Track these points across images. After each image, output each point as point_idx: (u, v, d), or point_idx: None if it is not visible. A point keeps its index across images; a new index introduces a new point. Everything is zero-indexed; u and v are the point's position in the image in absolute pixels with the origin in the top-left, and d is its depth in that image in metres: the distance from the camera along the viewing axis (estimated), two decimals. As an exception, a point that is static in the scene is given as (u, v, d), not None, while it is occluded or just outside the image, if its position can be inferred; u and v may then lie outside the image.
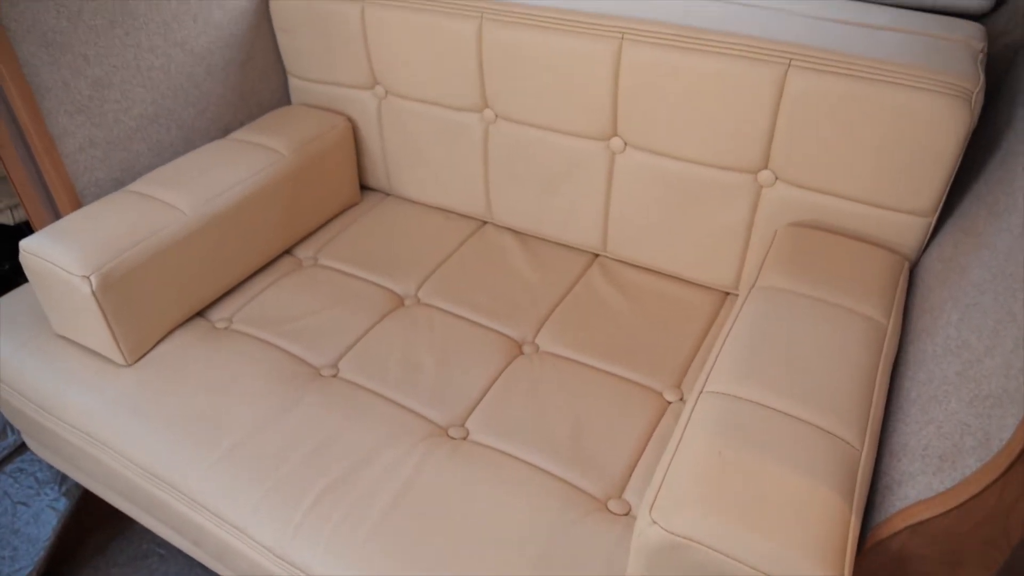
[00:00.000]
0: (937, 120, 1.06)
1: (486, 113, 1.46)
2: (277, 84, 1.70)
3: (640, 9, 1.28)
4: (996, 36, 1.34)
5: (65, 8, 1.25)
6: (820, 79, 1.12)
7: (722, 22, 1.22)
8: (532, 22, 1.31)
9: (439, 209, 1.67)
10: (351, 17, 1.49)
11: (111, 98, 1.36)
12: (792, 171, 1.21)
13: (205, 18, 1.48)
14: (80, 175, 1.36)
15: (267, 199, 1.44)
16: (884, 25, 1.22)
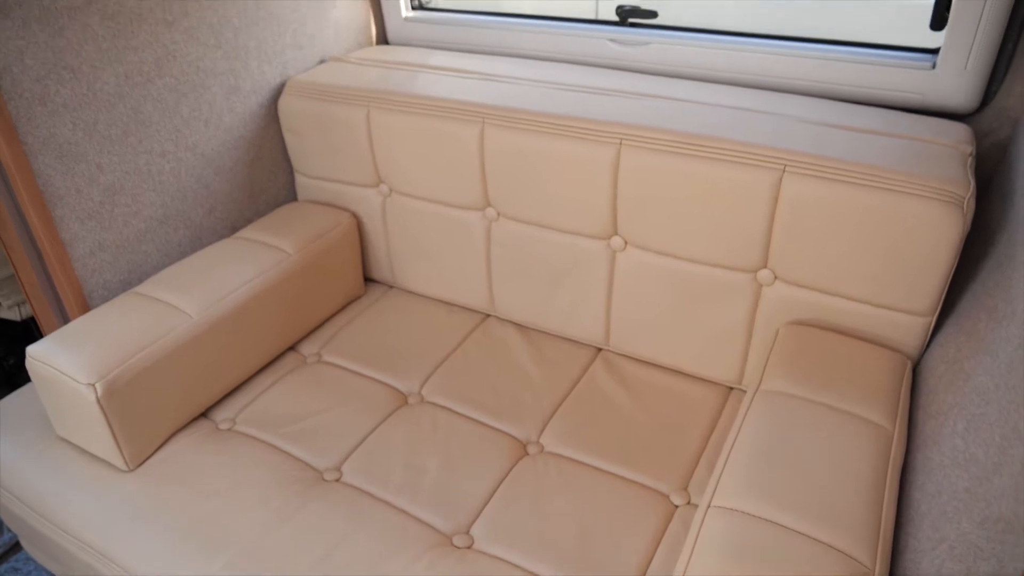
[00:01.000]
0: (931, 226, 1.08)
1: (488, 212, 1.49)
2: (284, 181, 1.74)
3: (638, 115, 1.32)
4: (983, 135, 1.38)
5: (81, 121, 1.29)
6: (814, 184, 1.15)
7: (717, 127, 1.26)
8: (533, 127, 1.35)
9: (442, 302, 1.69)
10: (357, 120, 1.54)
11: (122, 202, 1.40)
12: (791, 271, 1.23)
13: (216, 122, 1.53)
14: (89, 278, 1.38)
15: (273, 298, 1.45)
16: (874, 128, 1.26)
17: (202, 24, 1.45)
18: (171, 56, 1.41)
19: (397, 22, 1.87)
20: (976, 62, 1.32)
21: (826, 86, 1.44)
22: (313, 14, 1.69)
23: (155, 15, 1.36)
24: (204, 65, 1.47)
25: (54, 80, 1.24)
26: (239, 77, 1.55)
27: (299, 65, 1.69)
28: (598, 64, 1.65)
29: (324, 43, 1.74)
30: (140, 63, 1.36)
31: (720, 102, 1.38)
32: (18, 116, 1.20)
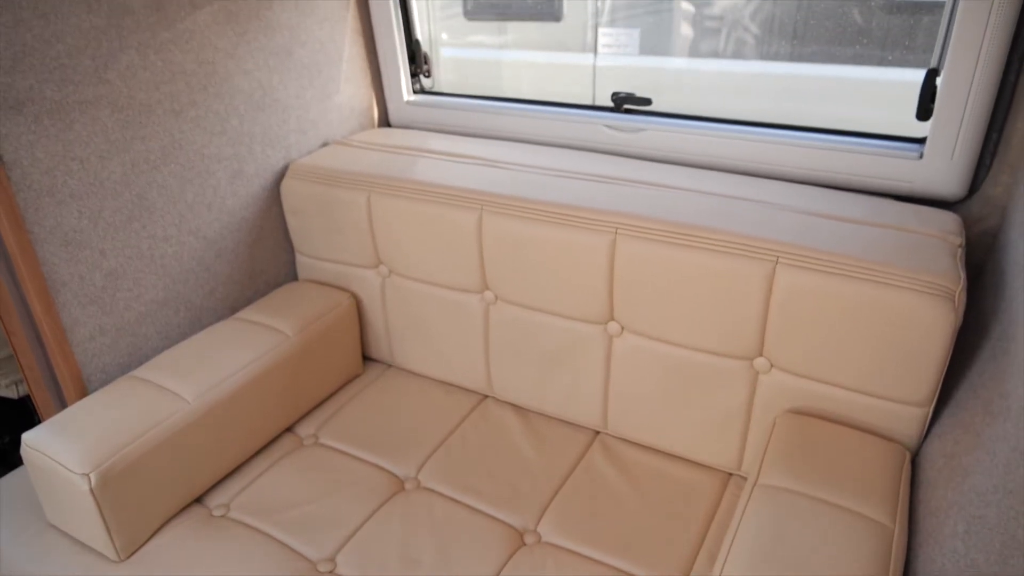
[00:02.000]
0: (922, 319, 1.09)
1: (486, 295, 1.51)
2: (285, 261, 1.77)
3: (632, 203, 1.34)
4: (973, 222, 1.41)
5: (87, 209, 1.32)
6: (807, 276, 1.16)
7: (710, 216, 1.28)
8: (529, 215, 1.38)
9: (441, 382, 1.69)
10: (358, 203, 1.57)
11: (124, 287, 1.41)
12: (787, 359, 1.24)
13: (219, 206, 1.56)
14: (88, 362, 1.38)
15: (271, 381, 1.45)
16: (864, 218, 1.28)
17: (209, 113, 1.49)
18: (177, 144, 1.44)
19: (399, 105, 1.93)
20: (962, 152, 1.36)
21: (817, 173, 1.48)
22: (317, 100, 1.74)
23: (164, 106, 1.40)
24: (209, 151, 1.51)
25: (62, 171, 1.27)
26: (243, 162, 1.59)
27: (302, 148, 1.73)
28: (594, 149, 1.69)
29: (327, 126, 1.79)
30: (147, 152, 1.39)
31: (713, 190, 1.41)
32: (26, 207, 1.23)
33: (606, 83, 2.86)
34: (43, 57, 1.20)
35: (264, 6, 1.56)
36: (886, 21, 2.45)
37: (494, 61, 3.24)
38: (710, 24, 2.71)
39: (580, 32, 3.16)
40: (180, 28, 1.40)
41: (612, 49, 3.05)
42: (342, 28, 1.77)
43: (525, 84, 3.18)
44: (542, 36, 3.18)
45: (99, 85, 1.29)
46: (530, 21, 3.22)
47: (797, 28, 2.42)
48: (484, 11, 3.20)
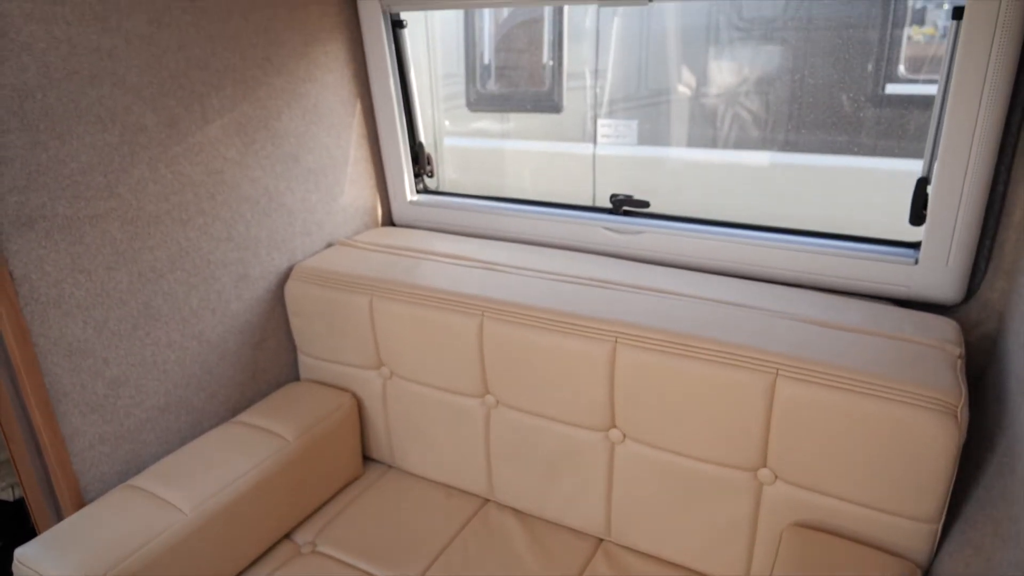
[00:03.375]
0: (925, 435, 1.09)
1: (487, 399, 1.50)
2: (287, 361, 1.77)
3: (632, 311, 1.36)
4: (971, 327, 1.41)
5: (92, 320, 1.33)
6: (807, 389, 1.16)
7: (710, 325, 1.29)
8: (530, 322, 1.39)
9: (441, 485, 1.66)
10: (360, 307, 1.58)
11: (125, 394, 1.41)
12: (791, 472, 1.22)
13: (223, 310, 1.57)
14: (85, 471, 1.37)
15: (270, 488, 1.44)
16: (861, 327, 1.29)
17: (216, 220, 1.52)
18: (184, 252, 1.47)
19: (402, 205, 1.97)
20: (957, 258, 1.37)
21: (814, 277, 1.49)
22: (322, 202, 1.78)
23: (172, 216, 1.44)
24: (215, 257, 1.54)
25: (70, 283, 1.29)
26: (248, 266, 1.61)
27: (307, 249, 1.76)
28: (594, 250, 1.71)
29: (332, 227, 1.82)
30: (154, 261, 1.42)
31: (711, 295, 1.42)
32: (32, 319, 1.24)
33: (606, 169, 2.93)
34: (57, 175, 1.24)
35: (272, 116, 1.61)
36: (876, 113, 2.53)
37: (496, 150, 3.33)
38: (706, 116, 2.80)
39: (580, 123, 3.25)
40: (191, 141, 1.45)
41: (611, 139, 3.13)
42: (348, 133, 1.83)
43: (527, 173, 3.24)
44: (543, 126, 3.27)
45: (110, 199, 1.32)
46: (531, 113, 3.32)
47: (792, 119, 2.49)
48: (486, 103, 3.31)
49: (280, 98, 1.62)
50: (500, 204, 1.86)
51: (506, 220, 1.82)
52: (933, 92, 2.36)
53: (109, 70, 1.29)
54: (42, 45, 1.19)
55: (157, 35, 1.36)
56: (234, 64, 1.51)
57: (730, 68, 2.63)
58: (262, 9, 1.55)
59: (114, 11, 1.28)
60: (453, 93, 3.16)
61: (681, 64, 2.80)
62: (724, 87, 2.71)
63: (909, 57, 2.48)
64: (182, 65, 1.41)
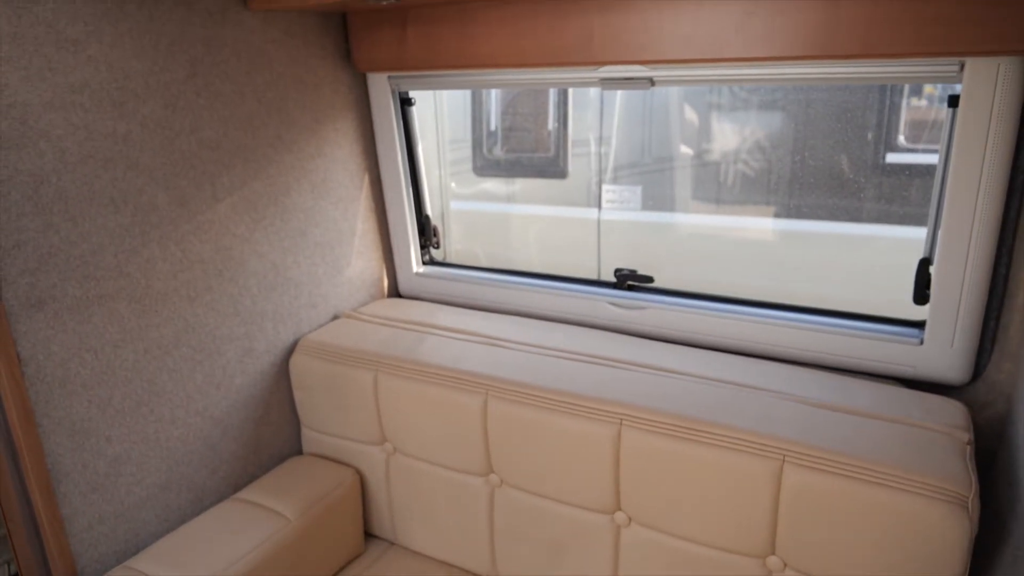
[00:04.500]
0: (936, 526, 1.07)
1: (491, 478, 1.49)
2: (290, 434, 1.76)
3: (637, 391, 1.35)
4: (979, 407, 1.40)
5: (97, 398, 1.33)
6: (815, 476, 1.14)
7: (715, 408, 1.28)
8: (534, 402, 1.38)
9: (444, 563, 1.63)
10: (365, 382, 1.58)
11: (126, 472, 1.40)
12: (800, 560, 1.20)
13: (227, 384, 1.57)
14: (83, 552, 1.35)
15: (270, 569, 1.41)
16: (868, 410, 1.27)
17: (223, 296, 1.54)
18: (190, 328, 1.48)
19: (408, 276, 1.98)
20: (962, 338, 1.37)
21: (820, 355, 1.49)
22: (328, 275, 1.80)
23: (179, 293, 1.45)
24: (221, 332, 1.54)
25: (76, 363, 1.29)
26: (254, 340, 1.62)
27: (313, 322, 1.77)
28: (599, 325, 1.72)
29: (338, 299, 1.83)
30: (160, 338, 1.43)
31: (716, 375, 1.41)
32: (37, 400, 1.25)
33: (611, 232, 2.95)
34: (68, 257, 1.26)
35: (281, 192, 1.64)
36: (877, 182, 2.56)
37: (502, 214, 3.37)
38: (709, 183, 2.83)
39: (585, 188, 3.30)
40: (201, 219, 1.47)
41: (615, 205, 3.17)
42: (355, 206, 1.86)
43: (532, 237, 3.27)
44: (548, 191, 3.32)
45: (119, 279, 1.34)
46: (536, 178, 3.37)
47: (794, 186, 2.52)
48: (492, 168, 3.36)
49: (290, 174, 1.66)
50: (505, 277, 1.87)
51: (511, 293, 1.83)
52: (932, 160, 2.40)
53: (123, 153, 1.32)
54: (59, 132, 1.22)
55: (171, 118, 1.39)
56: (246, 144, 1.54)
57: (732, 136, 2.68)
58: (275, 90, 1.59)
59: (131, 97, 1.32)
60: (460, 158, 3.22)
61: (684, 132, 2.86)
62: (726, 155, 2.75)
63: (909, 122, 2.52)
64: (194, 146, 1.44)
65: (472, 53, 1.56)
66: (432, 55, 1.62)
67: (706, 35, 1.32)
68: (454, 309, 1.86)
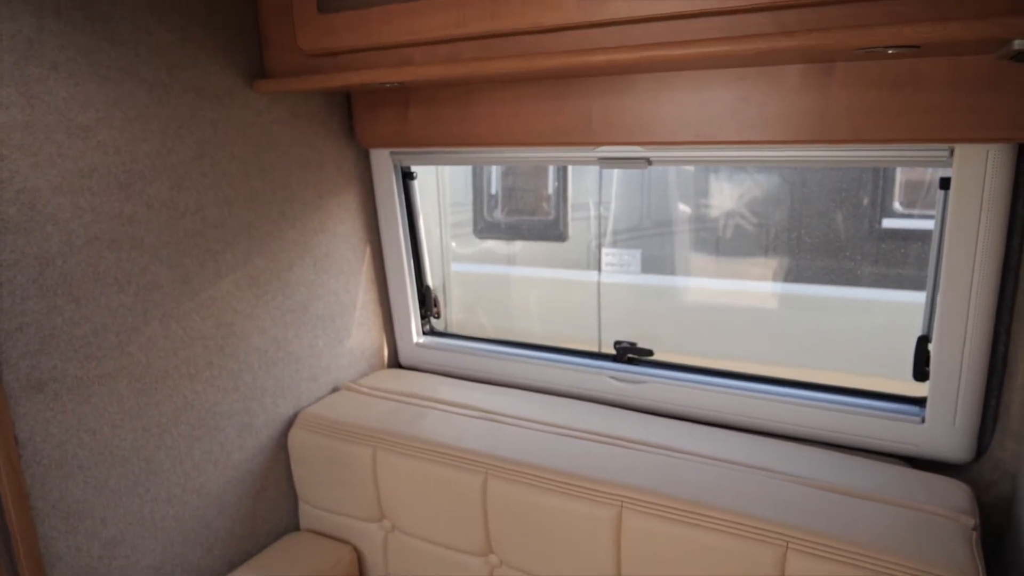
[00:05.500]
0: (945, 619, 1.05)
1: (491, 558, 1.46)
2: (287, 509, 1.74)
3: (638, 471, 1.34)
4: (983, 487, 1.39)
5: (93, 479, 1.32)
6: (819, 564, 1.13)
7: (717, 490, 1.27)
8: (534, 482, 1.37)
9: (442, 646, 1.59)
10: (364, 458, 1.57)
11: (120, 554, 1.38)
12: (807, 650, 1.17)
13: (225, 461, 1.56)
14: (73, 639, 1.32)
15: (262, 656, 1.38)
16: (871, 492, 1.26)
17: (224, 372, 1.54)
18: (190, 405, 1.48)
19: (409, 346, 1.99)
20: (964, 417, 1.37)
21: (821, 433, 1.48)
22: (329, 347, 1.80)
23: (180, 371, 1.45)
24: (221, 409, 1.54)
25: (74, 444, 1.29)
26: (253, 415, 1.61)
27: (312, 395, 1.76)
28: (599, 399, 1.71)
29: (338, 371, 1.83)
30: (159, 416, 1.42)
31: (717, 454, 1.40)
32: (33, 483, 1.24)
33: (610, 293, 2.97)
34: (70, 338, 1.27)
35: (284, 268, 1.66)
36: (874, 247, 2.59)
37: (502, 276, 3.38)
38: (707, 247, 2.86)
39: (584, 251, 3.33)
40: (204, 296, 1.49)
41: (615, 268, 3.20)
42: (357, 278, 1.87)
43: (533, 300, 3.28)
44: (549, 253, 3.35)
45: (120, 358, 1.34)
46: (537, 241, 3.40)
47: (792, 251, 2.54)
48: (493, 231, 3.40)
49: (292, 250, 1.68)
50: (506, 349, 1.88)
51: (512, 365, 1.83)
52: (927, 226, 2.43)
53: (129, 234, 1.34)
54: (67, 215, 1.24)
55: (177, 198, 1.42)
56: (250, 221, 1.56)
57: (730, 201, 2.72)
58: (280, 168, 1.62)
59: (138, 179, 1.35)
60: (461, 220, 3.26)
61: (683, 197, 2.90)
62: (725, 219, 2.79)
63: (905, 186, 2.56)
64: (199, 225, 1.46)
65: (472, 132, 1.60)
66: (433, 133, 1.66)
67: (701, 119, 1.36)
68: (454, 381, 1.86)
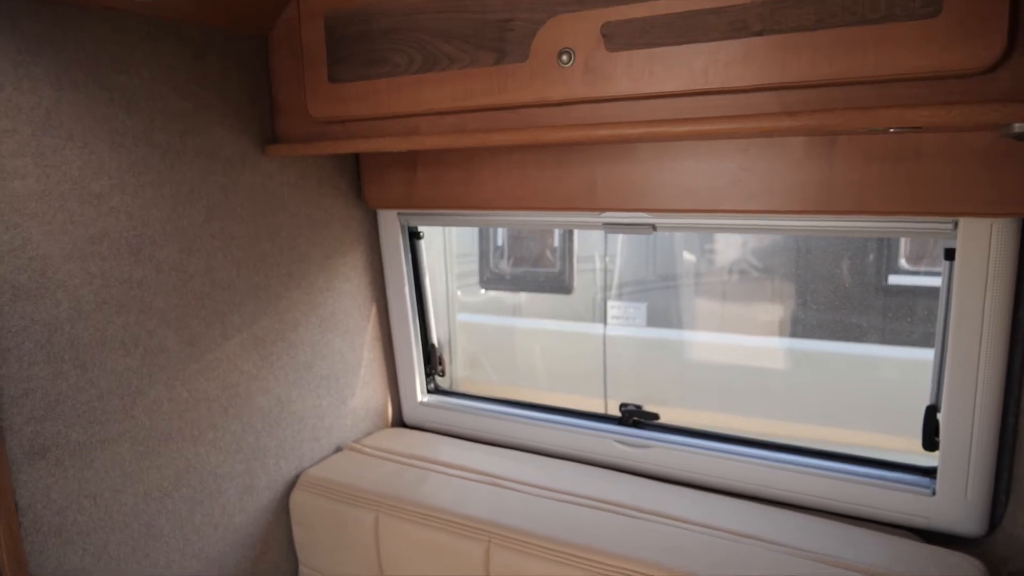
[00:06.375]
0: None
1: (493, 629, 1.43)
2: (287, 572, 1.71)
3: (641, 543, 1.32)
4: (997, 563, 1.36)
5: (92, 546, 1.31)
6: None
7: (723, 566, 1.25)
8: (536, 552, 1.35)
9: None
10: (366, 522, 1.55)
11: (117, 622, 1.36)
12: None
13: (226, 524, 1.55)
14: None
15: None
16: (882, 570, 1.23)
17: (227, 433, 1.53)
18: (192, 468, 1.47)
19: (413, 405, 1.98)
20: (975, 490, 1.34)
21: (829, 503, 1.46)
22: (333, 406, 1.79)
23: (183, 433, 1.45)
24: (223, 471, 1.53)
25: (74, 510, 1.28)
26: (255, 477, 1.60)
27: (315, 455, 1.75)
28: (605, 463, 1.69)
29: (341, 431, 1.82)
30: (161, 480, 1.41)
31: (724, 524, 1.38)
32: (31, 551, 1.22)
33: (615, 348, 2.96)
34: (75, 403, 1.27)
35: (289, 328, 1.66)
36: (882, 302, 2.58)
37: (507, 327, 3.38)
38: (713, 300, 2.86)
39: (590, 303, 3.33)
40: (209, 358, 1.49)
41: (621, 321, 3.19)
42: (362, 337, 1.87)
43: (538, 352, 3.28)
44: (554, 305, 3.35)
45: (124, 422, 1.34)
46: (542, 293, 3.41)
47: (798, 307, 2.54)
48: (499, 282, 3.41)
49: (299, 309, 1.68)
50: (510, 409, 1.86)
51: (516, 426, 1.81)
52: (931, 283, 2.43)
53: (138, 297, 1.35)
54: (77, 281, 1.26)
55: (186, 262, 1.43)
56: (257, 282, 1.58)
57: (736, 255, 2.73)
58: (288, 229, 1.64)
59: (148, 243, 1.36)
60: (467, 271, 3.27)
61: (689, 249, 2.91)
62: (730, 273, 2.79)
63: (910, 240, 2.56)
64: (207, 287, 1.47)
65: (478, 195, 1.62)
66: (440, 195, 1.68)
67: (705, 187, 1.37)
68: (458, 442, 1.85)
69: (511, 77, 1.24)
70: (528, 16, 1.21)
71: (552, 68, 1.19)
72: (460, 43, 1.28)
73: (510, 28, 1.23)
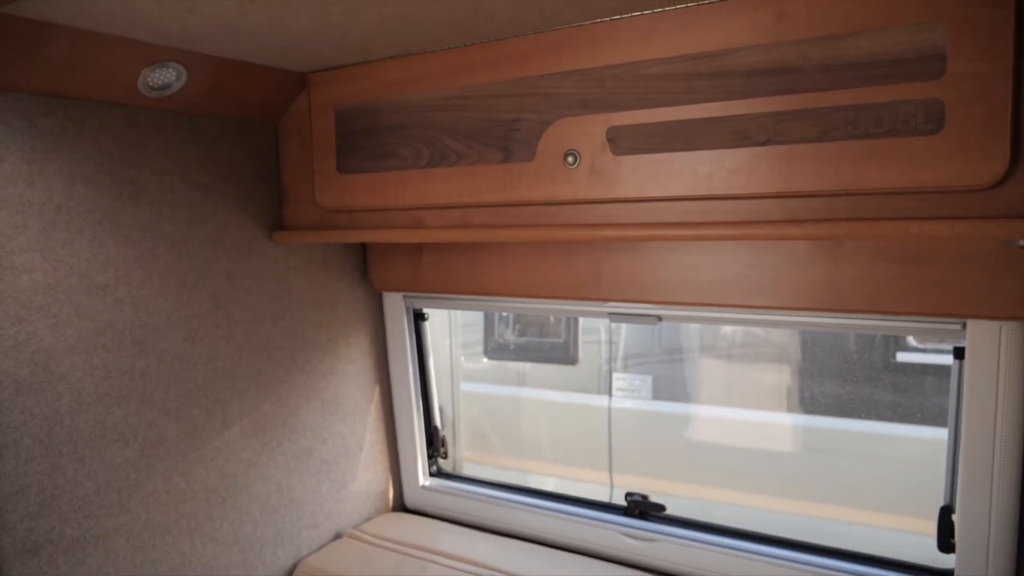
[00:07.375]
0: None
1: None
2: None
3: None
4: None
5: None
6: None
7: None
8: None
9: None
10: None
11: None
12: None
13: (219, 619, 1.50)
14: None
15: None
16: None
17: (224, 524, 1.50)
18: (187, 562, 1.43)
19: (414, 489, 1.94)
20: (995, 597, 1.30)
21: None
22: (332, 491, 1.76)
23: (180, 525, 1.42)
24: (218, 563, 1.49)
25: (64, 610, 1.24)
26: (251, 567, 1.56)
27: (313, 543, 1.71)
28: (609, 556, 1.65)
29: (340, 517, 1.78)
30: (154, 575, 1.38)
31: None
32: (17, 655, 1.18)
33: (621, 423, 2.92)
34: (71, 497, 1.24)
35: (291, 413, 1.64)
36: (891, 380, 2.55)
37: (511, 398, 3.35)
38: (720, 375, 2.84)
39: (595, 375, 3.30)
40: (209, 447, 1.47)
41: (626, 393, 3.16)
42: (364, 419, 1.85)
43: (543, 423, 3.23)
44: (559, 376, 3.32)
45: (119, 515, 1.32)
46: (547, 364, 3.39)
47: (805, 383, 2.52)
48: (503, 352, 3.39)
49: (301, 394, 1.67)
50: (513, 496, 1.82)
51: (520, 515, 1.77)
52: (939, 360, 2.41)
53: (139, 388, 1.34)
54: (79, 373, 1.25)
55: (189, 351, 1.43)
56: (260, 368, 1.57)
57: (744, 330, 2.71)
58: (292, 313, 1.64)
59: (152, 333, 1.36)
60: (471, 341, 3.26)
61: (695, 324, 2.89)
62: (737, 348, 2.77)
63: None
64: (209, 375, 1.46)
65: (483, 282, 1.62)
66: (445, 281, 1.68)
67: (709, 282, 1.37)
68: (459, 530, 1.80)
69: (518, 175, 1.25)
70: (534, 117, 1.23)
71: (558, 169, 1.20)
72: (467, 140, 1.30)
73: (516, 128, 1.25)
